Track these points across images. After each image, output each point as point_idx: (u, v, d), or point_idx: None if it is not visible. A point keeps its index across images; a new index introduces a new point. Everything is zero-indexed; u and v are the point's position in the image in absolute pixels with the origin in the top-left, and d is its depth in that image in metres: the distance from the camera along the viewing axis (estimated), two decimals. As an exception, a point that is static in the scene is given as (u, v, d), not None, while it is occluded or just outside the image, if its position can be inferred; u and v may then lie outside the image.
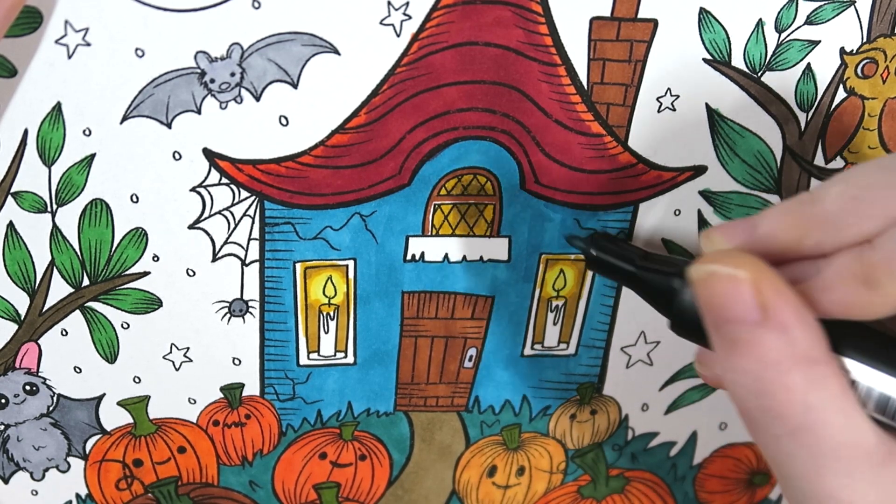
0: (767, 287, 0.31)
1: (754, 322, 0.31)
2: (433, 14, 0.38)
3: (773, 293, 0.30)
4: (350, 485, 0.51)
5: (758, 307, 0.30)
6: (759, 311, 0.30)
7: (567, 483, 0.54)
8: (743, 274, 0.31)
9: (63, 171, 0.39)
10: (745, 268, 0.31)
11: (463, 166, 0.42)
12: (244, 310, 0.44)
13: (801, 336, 0.30)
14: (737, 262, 0.31)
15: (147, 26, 0.36)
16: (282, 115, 0.39)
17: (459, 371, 0.48)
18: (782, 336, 0.30)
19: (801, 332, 0.30)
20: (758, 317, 0.30)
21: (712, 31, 0.40)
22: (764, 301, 0.30)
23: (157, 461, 0.48)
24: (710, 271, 0.31)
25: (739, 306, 0.31)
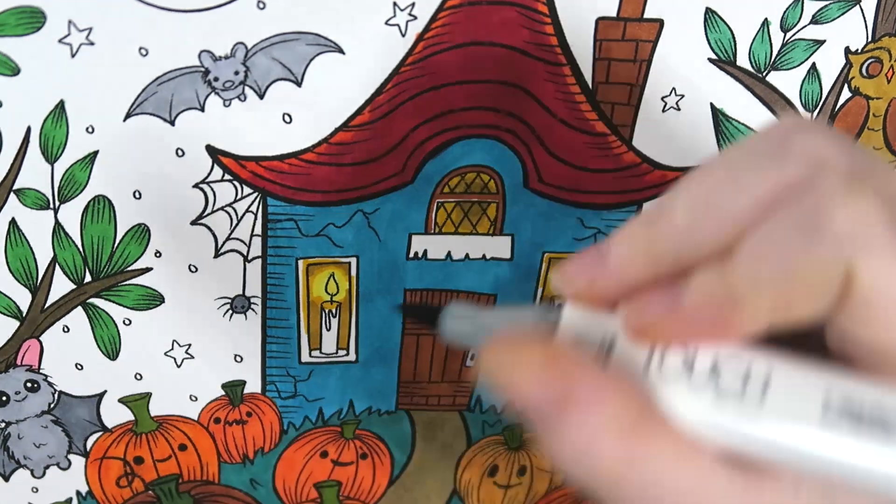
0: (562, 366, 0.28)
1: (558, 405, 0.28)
2: (439, 15, 0.38)
3: (569, 372, 0.28)
4: (351, 483, 0.51)
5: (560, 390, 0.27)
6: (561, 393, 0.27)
7: (568, 482, 0.54)
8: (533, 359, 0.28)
9: (66, 168, 0.39)
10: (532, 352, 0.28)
11: (466, 164, 0.42)
12: (246, 306, 0.44)
13: (612, 406, 0.27)
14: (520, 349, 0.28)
15: (151, 26, 0.36)
16: (285, 113, 0.39)
17: (461, 370, 0.48)
18: (592, 411, 0.27)
19: (612, 403, 0.27)
20: (560, 399, 0.28)
21: (718, 31, 0.40)
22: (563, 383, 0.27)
23: (158, 459, 0.48)
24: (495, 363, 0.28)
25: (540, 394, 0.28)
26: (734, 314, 0.26)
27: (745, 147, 0.27)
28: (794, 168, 0.26)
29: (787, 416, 0.26)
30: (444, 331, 0.35)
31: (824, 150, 0.26)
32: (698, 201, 0.27)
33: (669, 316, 0.27)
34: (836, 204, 0.24)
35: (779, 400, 0.26)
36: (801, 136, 0.26)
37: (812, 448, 0.25)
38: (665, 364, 0.28)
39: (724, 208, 0.26)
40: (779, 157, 0.26)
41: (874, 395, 0.25)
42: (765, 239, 0.26)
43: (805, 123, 0.27)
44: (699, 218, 0.27)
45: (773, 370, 0.26)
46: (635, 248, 0.29)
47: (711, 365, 0.27)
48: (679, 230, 0.27)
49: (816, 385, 0.25)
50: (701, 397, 0.27)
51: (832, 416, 0.25)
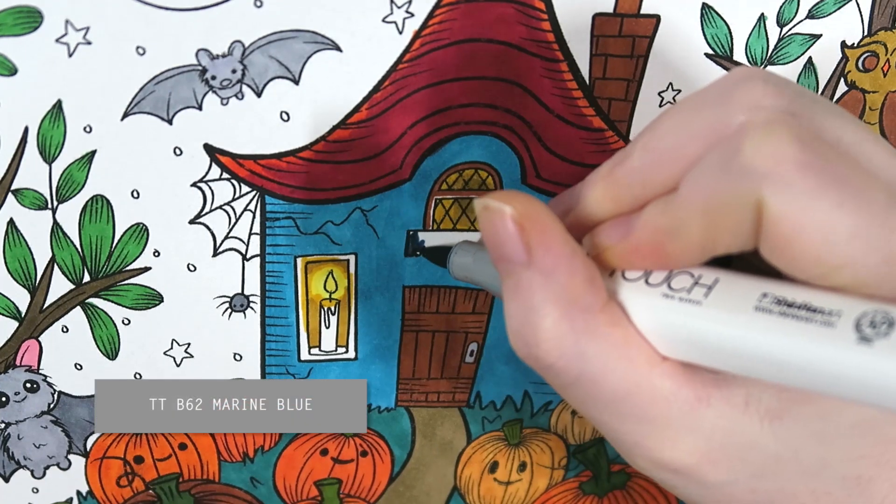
0: (534, 228, 0.29)
1: (521, 263, 0.30)
2: (436, 12, 0.38)
3: (538, 235, 0.29)
4: (351, 481, 0.51)
5: (523, 248, 0.29)
6: (524, 252, 0.29)
7: (569, 479, 0.54)
8: (508, 209, 0.30)
9: (64, 167, 0.39)
10: (514, 204, 0.30)
11: (464, 161, 0.42)
12: (245, 305, 0.44)
13: (566, 282, 0.29)
14: (508, 197, 0.30)
15: (148, 25, 0.36)
16: (283, 111, 0.39)
17: (461, 366, 0.48)
18: (545, 280, 0.29)
19: (566, 278, 0.29)
20: (524, 257, 0.29)
21: (714, 26, 0.40)
22: (528, 241, 0.29)
23: (158, 458, 0.48)
24: (484, 204, 0.30)
25: (507, 245, 0.30)
26: (670, 246, 0.29)
27: (696, 96, 0.30)
28: (732, 113, 0.28)
29: (725, 306, 0.28)
30: (451, 265, 0.38)
31: (762, 96, 0.28)
32: (651, 144, 0.30)
33: (619, 244, 0.30)
34: (751, 141, 0.26)
35: (720, 296, 0.28)
36: (744, 84, 0.28)
37: (749, 336, 0.27)
38: (626, 274, 0.31)
39: (671, 151, 0.29)
40: (722, 103, 0.28)
41: (805, 293, 0.26)
42: (693, 177, 0.28)
43: (752, 73, 0.29)
44: (650, 160, 0.30)
45: (720, 278, 0.28)
46: (601, 189, 0.31)
47: (666, 275, 0.30)
48: (635, 171, 0.30)
49: (754, 286, 0.27)
50: (652, 293, 0.30)
51: (766, 304, 0.27)
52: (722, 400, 0.29)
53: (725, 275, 0.29)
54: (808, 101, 0.28)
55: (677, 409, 0.29)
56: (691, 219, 0.28)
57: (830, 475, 0.30)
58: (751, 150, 0.26)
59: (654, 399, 0.30)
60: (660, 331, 0.30)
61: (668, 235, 0.29)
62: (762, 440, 0.29)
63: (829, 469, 0.30)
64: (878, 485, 0.30)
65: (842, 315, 0.25)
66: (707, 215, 0.27)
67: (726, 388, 0.29)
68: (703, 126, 0.28)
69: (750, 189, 0.26)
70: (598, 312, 0.30)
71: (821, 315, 0.26)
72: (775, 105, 0.27)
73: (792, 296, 0.26)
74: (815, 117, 0.28)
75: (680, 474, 0.31)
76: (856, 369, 0.24)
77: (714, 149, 0.28)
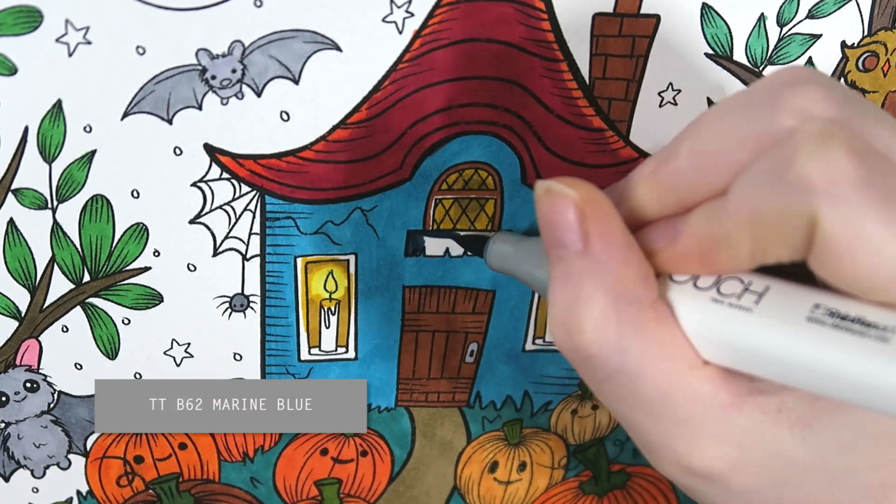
0: (594, 215, 0.29)
1: (576, 250, 0.30)
2: (436, 11, 0.38)
3: (597, 223, 0.29)
4: (352, 481, 0.51)
5: (580, 234, 0.29)
6: (581, 238, 0.29)
7: (569, 479, 0.54)
8: (573, 194, 0.30)
9: (64, 167, 0.39)
10: (577, 189, 0.30)
11: (464, 161, 0.42)
12: (245, 305, 0.44)
13: (619, 273, 0.29)
14: (571, 183, 0.30)
15: (148, 25, 0.36)
16: (283, 111, 0.39)
17: (461, 366, 0.48)
18: (598, 268, 0.29)
19: (620, 269, 0.29)
20: (580, 245, 0.30)
21: (714, 26, 0.40)
22: (587, 229, 0.29)
23: (158, 458, 0.48)
24: (547, 186, 0.30)
25: (564, 230, 0.30)
26: (718, 254, 0.29)
27: (742, 97, 0.29)
28: (781, 119, 0.27)
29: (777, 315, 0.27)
30: (489, 254, 0.39)
31: (812, 101, 0.27)
32: (698, 146, 0.29)
33: (666, 249, 0.30)
34: (805, 154, 0.25)
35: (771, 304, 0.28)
36: (792, 88, 0.27)
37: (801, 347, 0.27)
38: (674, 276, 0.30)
39: (719, 155, 0.28)
40: (770, 107, 0.28)
41: (858, 307, 0.26)
42: (742, 186, 0.27)
43: (800, 74, 0.28)
44: (697, 164, 0.29)
45: (771, 286, 0.28)
46: (646, 188, 0.31)
47: (715, 279, 0.30)
48: (682, 172, 0.30)
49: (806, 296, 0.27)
50: (701, 295, 0.29)
51: (819, 315, 0.26)
52: (755, 407, 0.29)
53: (776, 283, 0.29)
54: (858, 108, 0.28)
55: (711, 413, 0.29)
56: (741, 229, 0.27)
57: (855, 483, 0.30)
58: (805, 164, 0.25)
59: (691, 401, 0.29)
60: (706, 335, 0.29)
61: (717, 244, 0.29)
62: (791, 448, 0.29)
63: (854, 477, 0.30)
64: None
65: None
66: (757, 227, 0.27)
67: (760, 396, 0.29)
68: (751, 131, 0.28)
69: (804, 204, 0.25)
70: (646, 308, 0.29)
71: (875, 330, 0.25)
72: (826, 112, 0.27)
73: (845, 309, 0.26)
74: (865, 125, 0.27)
75: (707, 480, 0.30)
76: None
77: (764, 157, 0.27)
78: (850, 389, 0.26)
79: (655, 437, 0.31)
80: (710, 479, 0.30)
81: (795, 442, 0.29)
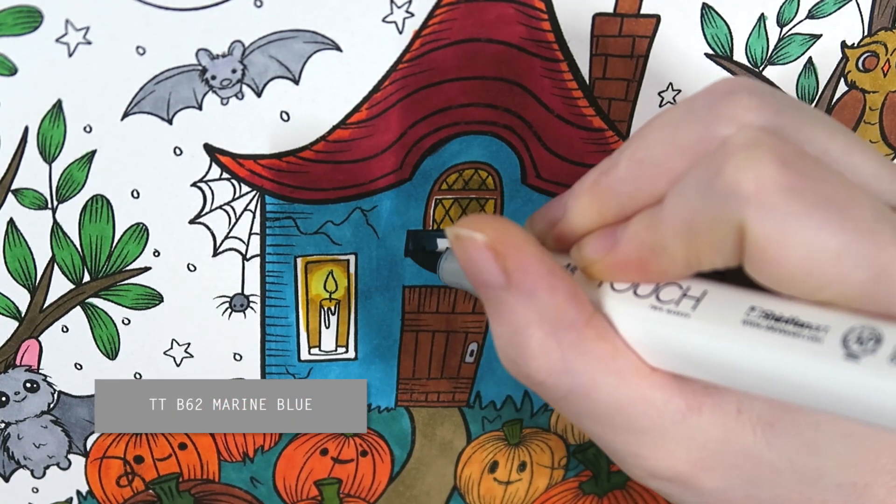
0: (508, 252, 0.30)
1: (500, 286, 0.30)
2: (436, 12, 0.38)
3: (513, 256, 0.29)
4: (351, 481, 0.51)
5: (501, 271, 0.30)
6: (502, 275, 0.30)
7: (568, 479, 0.54)
8: (480, 237, 0.30)
9: (64, 167, 0.39)
10: (486, 230, 0.30)
11: (464, 161, 0.42)
12: (245, 305, 0.44)
13: (547, 300, 0.29)
14: (479, 224, 0.30)
15: (148, 25, 0.36)
16: (283, 111, 0.39)
17: (461, 366, 0.48)
18: (527, 300, 0.29)
19: (548, 297, 0.29)
20: (503, 281, 0.30)
21: (714, 26, 0.40)
22: (505, 265, 0.29)
23: (158, 458, 0.48)
24: (455, 234, 0.30)
25: (484, 271, 0.30)
26: (655, 262, 0.29)
27: (683, 106, 0.29)
28: (717, 128, 0.27)
29: (713, 319, 0.28)
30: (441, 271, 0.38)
31: (746, 109, 0.27)
32: (637, 155, 0.29)
33: (604, 258, 0.30)
34: (734, 163, 0.26)
35: (708, 308, 0.28)
36: (728, 97, 0.28)
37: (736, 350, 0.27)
38: (614, 285, 0.30)
39: (657, 164, 0.29)
40: (706, 117, 0.28)
41: (793, 307, 0.26)
42: (675, 195, 0.28)
43: (736, 84, 0.28)
44: (636, 172, 0.29)
45: (708, 290, 0.28)
46: (587, 199, 0.31)
47: (654, 287, 0.30)
48: (621, 182, 0.30)
49: (742, 299, 0.27)
50: (640, 303, 0.30)
51: (754, 317, 0.27)
52: (714, 407, 0.29)
53: (714, 287, 0.29)
54: (793, 113, 0.28)
55: (669, 418, 0.29)
56: (674, 238, 0.28)
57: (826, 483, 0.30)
58: (732, 173, 0.26)
59: (646, 410, 0.30)
60: (648, 343, 0.30)
61: (652, 252, 0.29)
62: (756, 448, 0.29)
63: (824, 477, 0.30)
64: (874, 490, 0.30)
65: (829, 330, 0.25)
66: (689, 235, 0.27)
67: (717, 396, 0.29)
68: (688, 139, 0.28)
69: (731, 212, 0.25)
70: (583, 327, 0.30)
71: (808, 330, 0.26)
72: (759, 119, 0.27)
73: (780, 310, 0.26)
74: (800, 130, 0.27)
75: (675, 483, 0.31)
76: (842, 385, 0.24)
77: (697, 166, 0.27)
78: (791, 391, 0.26)
79: (619, 446, 0.31)
80: (679, 482, 0.31)
81: (759, 442, 0.29)
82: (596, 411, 0.30)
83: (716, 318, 0.28)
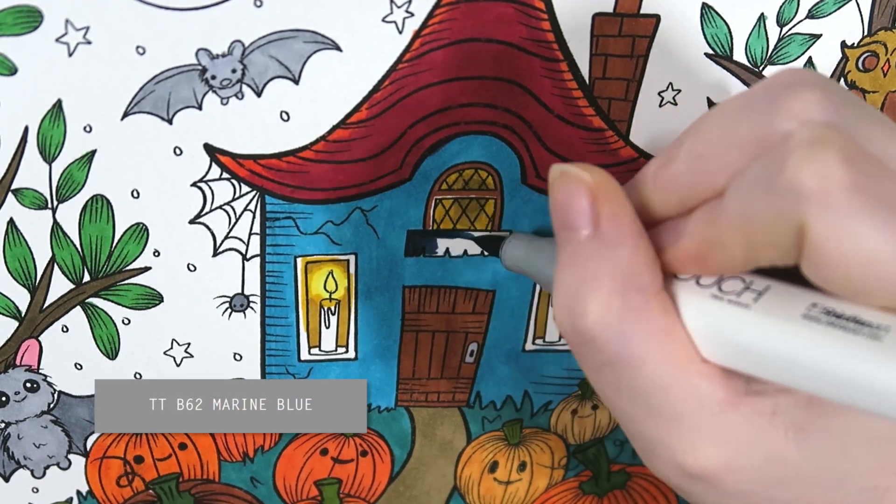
0: (606, 200, 0.30)
1: (586, 233, 0.30)
2: (436, 11, 0.38)
3: (609, 207, 0.30)
4: (352, 481, 0.51)
5: (591, 217, 0.30)
6: (592, 221, 0.30)
7: (569, 479, 0.54)
8: (587, 176, 0.30)
9: (64, 167, 0.39)
10: (592, 174, 0.30)
11: (464, 161, 0.42)
12: (245, 305, 0.44)
13: (627, 258, 0.29)
14: (587, 167, 0.30)
15: (148, 24, 0.36)
16: (283, 111, 0.39)
17: (461, 366, 0.48)
18: (607, 252, 0.29)
19: (628, 254, 0.29)
20: (590, 228, 0.30)
21: (714, 26, 0.40)
22: (599, 212, 0.30)
23: (158, 458, 0.48)
24: (562, 170, 0.31)
25: (576, 212, 0.30)
26: (714, 256, 0.29)
27: (741, 99, 0.29)
28: (778, 122, 0.27)
29: (774, 311, 0.28)
30: (504, 255, 0.39)
31: (808, 104, 0.27)
32: (696, 149, 0.29)
33: (669, 249, 0.30)
34: (797, 159, 0.25)
35: (769, 302, 0.28)
36: (790, 91, 0.27)
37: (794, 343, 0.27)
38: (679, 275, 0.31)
39: (716, 158, 0.29)
40: (767, 110, 0.28)
41: (855, 307, 0.26)
42: (735, 190, 0.28)
43: (799, 76, 0.28)
44: (696, 166, 0.29)
45: (771, 286, 0.29)
46: (647, 192, 0.31)
47: (717, 278, 0.30)
48: (681, 174, 0.30)
49: (804, 296, 0.27)
50: (702, 292, 0.30)
51: (815, 313, 0.27)
52: (750, 407, 0.29)
53: (777, 283, 0.29)
54: (855, 111, 0.27)
55: (708, 410, 0.29)
56: (733, 233, 0.28)
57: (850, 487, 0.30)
58: (795, 170, 0.25)
59: (687, 396, 0.29)
60: (705, 330, 0.30)
61: (712, 247, 0.29)
62: (785, 451, 0.29)
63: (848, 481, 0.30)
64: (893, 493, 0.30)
65: (890, 330, 0.25)
66: (749, 231, 0.27)
67: (756, 396, 0.29)
68: (748, 134, 0.28)
69: (792, 210, 0.25)
70: (652, 296, 0.30)
71: (868, 328, 0.25)
72: (822, 115, 0.27)
73: (841, 308, 0.26)
74: (860, 127, 0.27)
75: (700, 480, 0.30)
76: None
77: (758, 161, 0.27)
78: (841, 387, 0.26)
79: (649, 431, 0.31)
80: (704, 479, 0.30)
81: (790, 445, 0.29)
82: (635, 386, 0.30)
83: (776, 311, 0.28)
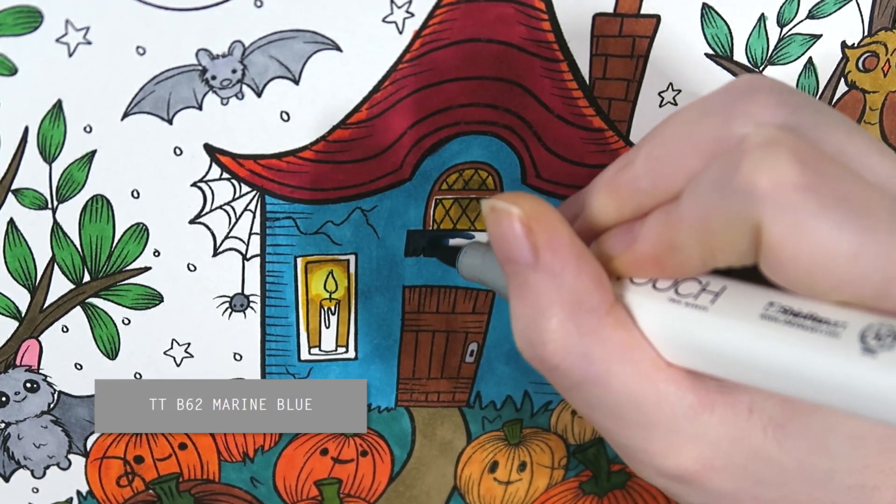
0: (540, 228, 0.29)
1: (527, 264, 0.30)
2: (436, 12, 0.38)
3: (545, 235, 0.29)
4: (352, 481, 0.51)
5: (530, 248, 0.29)
6: (531, 252, 0.29)
7: (569, 479, 0.54)
8: (516, 210, 0.29)
9: (64, 167, 0.39)
10: (522, 205, 0.30)
11: (464, 161, 0.42)
12: (245, 305, 0.44)
13: (572, 282, 0.29)
14: (516, 199, 0.30)
15: (148, 25, 0.36)
16: (283, 111, 0.39)
17: (461, 366, 0.48)
18: (552, 281, 0.29)
19: (572, 278, 0.29)
20: (530, 258, 0.29)
21: (714, 27, 0.40)
22: (535, 243, 0.29)
23: (158, 458, 0.48)
24: (491, 205, 0.30)
25: (513, 246, 0.30)
26: (671, 258, 0.29)
27: (699, 104, 0.29)
28: (734, 126, 0.27)
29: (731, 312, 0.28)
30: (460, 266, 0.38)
31: (763, 108, 0.27)
32: (654, 152, 0.29)
33: (623, 254, 0.30)
34: (751, 161, 0.26)
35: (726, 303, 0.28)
36: (746, 95, 0.28)
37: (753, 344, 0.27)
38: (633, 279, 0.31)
39: (673, 161, 0.29)
40: (724, 114, 0.28)
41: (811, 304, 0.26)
42: (691, 193, 0.28)
43: (755, 82, 0.28)
44: (653, 169, 0.29)
45: (728, 286, 0.28)
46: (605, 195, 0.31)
47: (673, 281, 0.30)
48: (638, 178, 0.30)
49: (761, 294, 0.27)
50: (659, 297, 0.30)
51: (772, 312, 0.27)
52: (726, 406, 0.29)
53: (733, 283, 0.29)
54: (811, 112, 0.27)
55: (682, 414, 0.29)
56: (690, 235, 0.28)
57: (836, 485, 0.30)
58: (749, 171, 0.25)
59: (659, 404, 0.29)
60: (665, 336, 0.29)
61: (668, 249, 0.29)
62: (766, 448, 0.29)
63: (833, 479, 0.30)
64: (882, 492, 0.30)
65: (847, 326, 0.25)
66: (705, 233, 0.27)
67: (730, 395, 0.29)
68: (705, 137, 0.28)
69: (747, 211, 0.25)
70: (604, 314, 0.29)
71: (826, 325, 0.25)
72: (776, 118, 0.27)
73: (798, 306, 0.26)
74: (817, 129, 0.27)
75: (683, 482, 0.30)
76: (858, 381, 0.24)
77: (713, 163, 0.27)
78: (805, 387, 0.26)
79: (628, 440, 0.31)
80: (687, 481, 0.30)
81: (769, 442, 0.29)
82: (608, 402, 0.30)
83: (733, 311, 0.28)
